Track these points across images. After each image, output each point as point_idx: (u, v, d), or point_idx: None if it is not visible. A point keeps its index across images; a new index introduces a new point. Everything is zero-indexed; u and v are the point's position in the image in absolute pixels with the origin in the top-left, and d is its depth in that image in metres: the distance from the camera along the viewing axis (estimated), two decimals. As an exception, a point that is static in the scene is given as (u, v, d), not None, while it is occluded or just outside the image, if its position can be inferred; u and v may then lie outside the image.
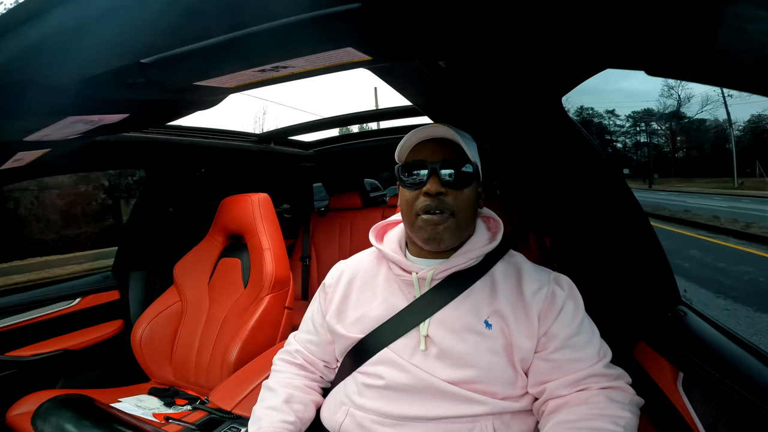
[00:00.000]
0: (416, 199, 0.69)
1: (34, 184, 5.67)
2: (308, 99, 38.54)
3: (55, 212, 6.00)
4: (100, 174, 6.46)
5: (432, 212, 0.67)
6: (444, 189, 0.67)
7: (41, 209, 5.85)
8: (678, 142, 20.44)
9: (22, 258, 5.47)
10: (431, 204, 0.67)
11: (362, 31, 0.46)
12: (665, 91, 20.71)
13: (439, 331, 0.66)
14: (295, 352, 0.82)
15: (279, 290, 1.29)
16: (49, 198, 5.97)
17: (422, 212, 0.68)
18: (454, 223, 0.68)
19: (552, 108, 0.80)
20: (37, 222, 5.88)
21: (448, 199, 0.67)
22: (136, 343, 1.37)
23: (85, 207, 6.39)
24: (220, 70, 0.57)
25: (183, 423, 0.95)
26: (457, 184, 0.68)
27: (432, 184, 0.67)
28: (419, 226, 0.68)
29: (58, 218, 5.99)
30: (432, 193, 0.67)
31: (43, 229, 5.87)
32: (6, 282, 4.93)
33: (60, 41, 0.43)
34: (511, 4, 0.39)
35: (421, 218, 0.68)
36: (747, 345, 0.69)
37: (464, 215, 0.69)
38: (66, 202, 6.07)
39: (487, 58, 0.65)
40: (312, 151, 2.30)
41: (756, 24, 0.27)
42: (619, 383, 0.62)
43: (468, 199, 0.69)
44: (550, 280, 0.69)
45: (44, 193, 5.86)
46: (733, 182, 14.32)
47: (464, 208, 0.69)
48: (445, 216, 0.67)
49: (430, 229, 0.67)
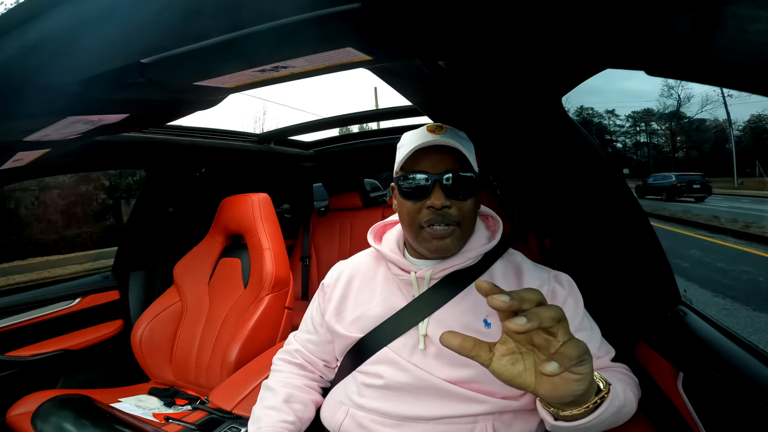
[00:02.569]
0: (419, 211, 0.67)
1: (35, 184, 5.67)
2: (308, 99, 38.62)
3: (56, 212, 6.00)
4: (101, 174, 6.46)
5: (438, 224, 0.66)
6: (449, 201, 0.65)
7: (42, 209, 5.86)
8: (678, 142, 20.49)
9: (23, 258, 5.48)
10: (436, 218, 0.65)
11: (362, 31, 0.46)
12: (665, 91, 20.81)
13: (438, 330, 0.66)
14: (295, 351, 0.82)
15: (279, 290, 1.29)
16: (50, 198, 5.98)
17: (426, 225, 0.66)
18: (459, 233, 0.67)
19: (552, 108, 0.80)
20: (38, 222, 5.88)
21: (452, 211, 0.66)
22: (136, 343, 1.37)
23: (86, 207, 6.39)
24: (220, 70, 0.57)
25: (183, 423, 0.95)
26: (461, 195, 0.66)
27: (436, 198, 0.65)
28: (424, 238, 0.67)
29: (59, 218, 5.99)
30: (437, 207, 0.65)
31: (44, 230, 5.88)
32: (8, 282, 4.93)
33: (60, 41, 0.42)
34: (511, 5, 0.39)
35: (426, 231, 0.66)
36: (747, 345, 0.69)
37: (469, 223, 0.68)
38: (67, 202, 6.07)
39: (487, 58, 0.65)
40: (312, 151, 2.30)
41: (756, 24, 0.27)
42: (622, 369, 0.65)
43: (472, 208, 0.68)
44: (550, 278, 0.69)
45: (45, 193, 5.86)
46: (732, 182, 14.44)
47: (469, 217, 0.68)
48: (450, 228, 0.66)
49: (436, 242, 0.66)
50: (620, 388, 0.57)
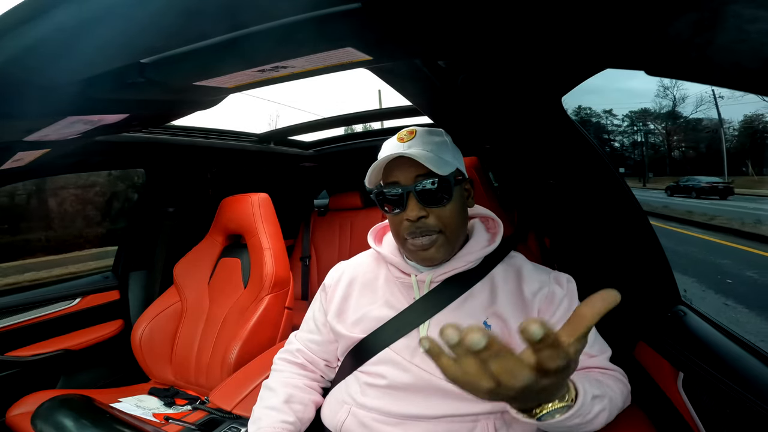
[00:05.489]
0: (400, 223, 0.66)
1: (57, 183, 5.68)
2: (309, 99, 38.52)
3: (78, 210, 6.02)
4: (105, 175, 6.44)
5: (418, 236, 0.65)
6: (425, 211, 0.64)
7: (62, 208, 5.87)
8: (674, 142, 20.64)
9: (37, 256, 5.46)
10: (415, 230, 0.65)
11: (362, 31, 0.46)
12: (661, 91, 20.97)
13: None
14: (296, 351, 0.82)
15: (279, 290, 1.29)
16: (69, 197, 5.98)
17: (409, 237, 0.66)
18: (443, 239, 0.66)
19: (552, 108, 0.80)
20: (60, 220, 5.89)
21: (430, 221, 0.65)
22: (136, 343, 1.37)
23: (98, 207, 6.40)
24: (220, 70, 0.57)
25: (183, 423, 0.95)
26: (437, 201, 0.65)
27: (411, 209, 0.64)
28: (409, 250, 0.68)
29: (78, 217, 6.01)
30: (413, 219, 0.64)
31: (68, 226, 5.88)
32: (36, 277, 4.90)
33: (60, 41, 0.42)
34: (511, 5, 0.39)
35: (410, 242, 0.66)
36: (747, 345, 0.69)
37: (452, 229, 0.67)
38: (85, 200, 6.08)
39: (487, 58, 0.65)
40: (312, 151, 2.30)
41: (756, 24, 0.27)
42: (616, 374, 0.65)
43: (453, 212, 0.66)
44: (550, 280, 0.69)
45: (64, 190, 5.86)
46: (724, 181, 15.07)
47: (450, 223, 0.66)
48: (432, 237, 0.65)
49: (421, 253, 0.66)
50: (595, 401, 0.53)
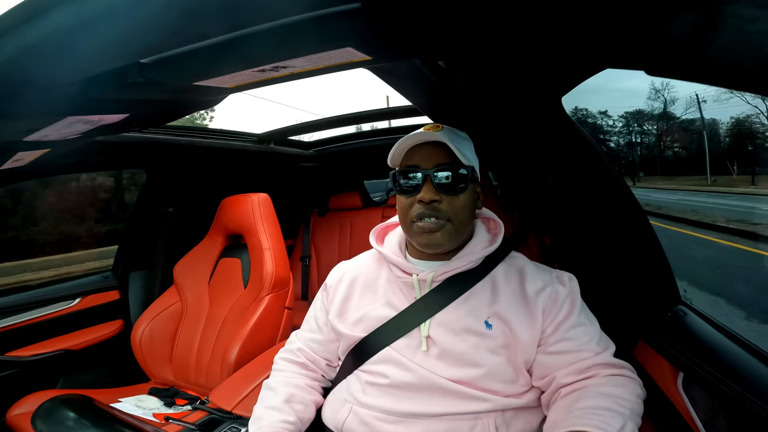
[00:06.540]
0: (411, 206, 0.68)
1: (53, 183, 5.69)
2: (309, 99, 38.44)
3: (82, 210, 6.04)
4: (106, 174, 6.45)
5: (427, 218, 0.66)
6: (439, 196, 0.66)
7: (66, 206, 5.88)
8: (664, 143, 20.91)
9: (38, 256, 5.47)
10: (425, 212, 0.66)
11: (362, 31, 0.46)
12: (653, 93, 21.26)
13: (440, 331, 0.66)
14: (298, 350, 0.82)
15: (279, 290, 1.29)
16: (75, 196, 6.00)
17: (417, 219, 0.67)
18: (450, 228, 0.67)
19: (552, 108, 0.80)
20: (69, 218, 5.90)
21: (442, 206, 0.67)
22: (136, 343, 1.37)
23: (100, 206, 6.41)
24: (220, 70, 0.57)
25: (183, 423, 0.95)
26: (452, 190, 0.67)
27: (426, 191, 0.66)
28: (415, 232, 0.68)
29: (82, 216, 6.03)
30: (426, 201, 0.66)
31: (72, 225, 5.90)
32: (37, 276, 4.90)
33: (60, 41, 0.42)
34: (511, 5, 0.39)
35: (417, 225, 0.67)
36: (747, 345, 0.69)
37: (460, 220, 0.68)
38: (86, 200, 6.10)
39: (487, 58, 0.65)
40: (312, 151, 2.30)
41: (756, 24, 0.27)
42: (625, 372, 0.63)
43: (464, 204, 0.68)
44: (552, 279, 0.69)
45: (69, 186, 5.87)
46: (706, 180, 15.95)
47: (460, 213, 0.68)
48: (440, 222, 0.66)
49: (426, 236, 0.67)
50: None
